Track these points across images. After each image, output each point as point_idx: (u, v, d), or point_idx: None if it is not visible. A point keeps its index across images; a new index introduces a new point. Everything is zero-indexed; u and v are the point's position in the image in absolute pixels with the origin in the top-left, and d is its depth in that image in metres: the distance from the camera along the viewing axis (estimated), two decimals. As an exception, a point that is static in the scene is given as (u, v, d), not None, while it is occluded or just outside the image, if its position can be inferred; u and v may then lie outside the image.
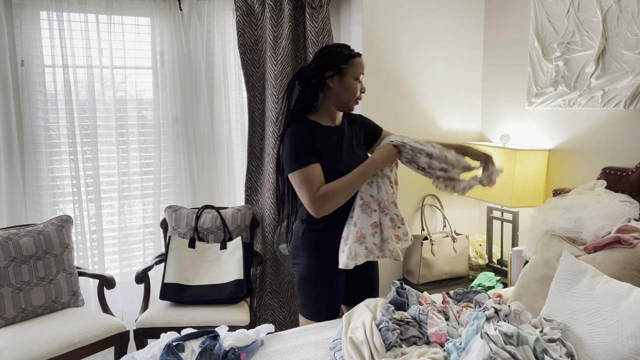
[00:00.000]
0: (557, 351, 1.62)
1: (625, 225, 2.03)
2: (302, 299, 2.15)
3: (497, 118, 3.21)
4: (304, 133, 2.01)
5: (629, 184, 2.33)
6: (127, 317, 2.99)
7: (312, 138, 2.01)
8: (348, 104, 2.08)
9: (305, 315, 2.15)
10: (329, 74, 2.03)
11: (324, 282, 2.11)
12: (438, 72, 3.19)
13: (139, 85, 3.02)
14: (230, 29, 3.10)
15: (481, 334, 1.62)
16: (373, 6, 2.98)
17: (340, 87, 2.05)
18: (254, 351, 1.86)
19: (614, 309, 1.63)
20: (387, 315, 1.85)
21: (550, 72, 2.77)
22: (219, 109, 3.17)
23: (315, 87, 2.06)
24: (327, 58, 2.04)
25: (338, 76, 2.04)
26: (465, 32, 3.23)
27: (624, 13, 2.39)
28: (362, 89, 2.09)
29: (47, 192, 2.86)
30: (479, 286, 2.78)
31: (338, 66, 2.03)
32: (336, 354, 1.78)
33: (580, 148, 2.67)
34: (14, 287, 2.50)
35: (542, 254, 2.17)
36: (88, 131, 2.90)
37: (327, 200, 1.95)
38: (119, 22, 2.89)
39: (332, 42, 2.98)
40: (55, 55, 2.76)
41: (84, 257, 2.93)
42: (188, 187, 3.14)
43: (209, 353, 1.72)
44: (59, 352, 2.31)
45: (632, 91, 2.38)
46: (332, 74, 2.03)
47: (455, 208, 3.31)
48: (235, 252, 2.86)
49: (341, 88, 2.05)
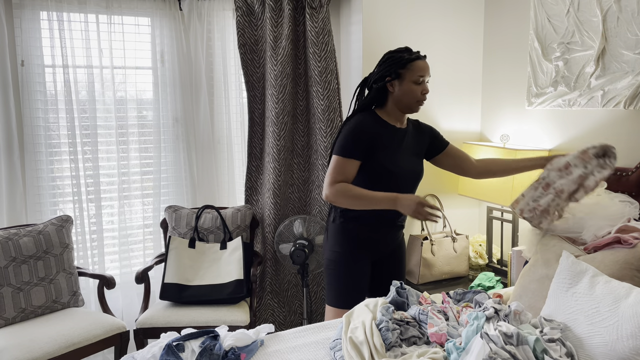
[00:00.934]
0: (557, 351, 1.62)
1: (625, 225, 2.03)
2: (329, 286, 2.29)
3: (497, 118, 3.21)
4: (366, 125, 2.13)
5: (629, 184, 2.33)
6: (127, 317, 2.99)
7: (372, 132, 2.12)
8: (410, 107, 2.17)
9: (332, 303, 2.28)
10: (388, 79, 2.14)
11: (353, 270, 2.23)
12: (438, 72, 3.19)
13: (139, 86, 3.02)
14: (230, 29, 3.11)
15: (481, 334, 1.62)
16: (373, 6, 2.98)
17: (400, 91, 2.14)
18: (254, 351, 1.86)
19: (614, 309, 1.63)
20: (387, 315, 1.85)
21: (550, 72, 2.77)
22: (219, 109, 3.17)
23: (377, 91, 2.17)
24: (387, 63, 2.14)
25: (397, 80, 2.13)
26: (465, 31, 3.23)
27: (624, 13, 2.39)
28: (424, 91, 2.14)
29: (47, 192, 2.86)
30: (479, 286, 2.78)
31: (396, 71, 2.12)
32: (336, 354, 1.78)
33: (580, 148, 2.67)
34: (14, 287, 2.50)
35: (542, 254, 2.17)
36: (88, 131, 2.90)
37: (338, 196, 2.08)
38: (119, 22, 2.89)
39: (332, 43, 2.99)
40: (55, 55, 2.77)
41: (84, 257, 2.93)
42: (188, 187, 3.14)
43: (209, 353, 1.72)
44: (59, 352, 2.31)
45: (632, 91, 2.38)
46: (391, 79, 2.13)
47: (455, 208, 3.32)
48: (235, 252, 2.86)
49: (400, 92, 2.14)
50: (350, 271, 2.25)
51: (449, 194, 3.29)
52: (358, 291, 2.26)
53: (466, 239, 3.14)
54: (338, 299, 2.26)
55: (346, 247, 2.24)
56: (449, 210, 3.27)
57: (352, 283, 2.25)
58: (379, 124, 2.16)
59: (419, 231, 3.23)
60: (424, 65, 2.14)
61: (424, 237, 3.08)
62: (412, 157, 2.24)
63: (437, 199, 3.25)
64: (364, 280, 2.28)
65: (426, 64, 2.15)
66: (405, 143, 2.22)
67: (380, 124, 2.17)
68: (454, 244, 3.10)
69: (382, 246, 2.32)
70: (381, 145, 2.13)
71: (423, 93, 2.14)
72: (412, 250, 3.10)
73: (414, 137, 2.27)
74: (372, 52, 3.00)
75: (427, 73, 2.15)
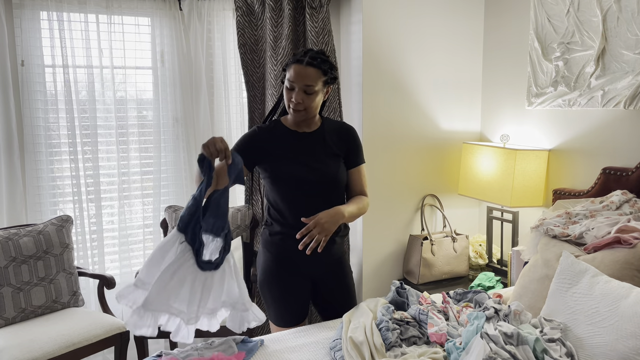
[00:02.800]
0: (557, 351, 1.62)
1: (625, 225, 2.03)
2: (266, 304, 2.18)
3: (497, 118, 3.21)
4: (250, 134, 2.08)
5: (629, 184, 2.33)
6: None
7: (258, 140, 2.04)
8: (288, 111, 2.04)
9: (273, 321, 2.18)
10: (283, 74, 2.05)
11: (282, 286, 2.11)
12: (438, 72, 3.18)
13: (139, 85, 3.02)
14: (230, 29, 3.10)
15: (481, 334, 1.62)
16: (373, 6, 2.98)
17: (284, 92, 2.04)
18: (254, 351, 1.87)
19: (614, 309, 1.64)
20: (387, 315, 1.85)
21: (550, 72, 2.77)
22: (219, 109, 3.17)
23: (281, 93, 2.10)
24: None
25: (283, 82, 2.04)
26: (465, 31, 3.23)
27: (624, 13, 2.39)
28: (295, 99, 1.96)
29: (47, 192, 2.86)
30: (479, 286, 2.78)
31: (283, 72, 2.04)
32: (336, 354, 1.78)
33: (580, 148, 2.67)
34: (14, 287, 2.49)
35: (542, 254, 2.17)
36: (88, 131, 2.90)
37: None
38: (119, 22, 2.89)
39: (332, 43, 2.99)
40: (55, 55, 2.76)
41: (84, 257, 2.93)
42: (188, 187, 3.14)
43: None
44: (59, 352, 2.31)
45: (632, 91, 2.38)
46: (283, 75, 2.04)
47: (455, 208, 3.32)
48: (235, 252, 2.86)
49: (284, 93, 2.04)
50: (282, 290, 2.11)
51: (449, 194, 3.29)
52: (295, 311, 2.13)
53: (466, 239, 3.14)
54: (277, 317, 2.14)
55: (273, 263, 2.10)
56: (449, 210, 3.27)
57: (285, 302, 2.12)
58: (274, 131, 2.06)
59: (419, 231, 3.23)
60: (299, 72, 1.94)
61: (424, 237, 3.08)
62: (324, 159, 2.05)
63: (437, 199, 3.25)
64: (300, 299, 2.14)
65: (304, 70, 1.93)
66: (310, 147, 2.06)
67: (277, 130, 2.06)
68: (454, 244, 3.10)
69: (314, 262, 2.07)
70: (274, 151, 2.02)
71: (291, 100, 1.96)
72: (412, 250, 3.10)
73: (330, 138, 2.09)
74: (372, 52, 3.00)
75: (299, 80, 1.93)
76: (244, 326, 1.75)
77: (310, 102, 1.97)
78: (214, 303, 1.69)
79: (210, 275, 1.67)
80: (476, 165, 2.97)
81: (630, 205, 2.20)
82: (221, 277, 1.70)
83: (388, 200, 3.12)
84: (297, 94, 1.95)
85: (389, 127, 3.10)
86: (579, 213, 2.28)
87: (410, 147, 3.17)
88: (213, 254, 1.71)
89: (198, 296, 1.64)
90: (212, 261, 1.68)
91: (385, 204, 3.11)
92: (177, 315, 1.61)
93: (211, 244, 1.72)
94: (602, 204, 2.26)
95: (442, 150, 3.25)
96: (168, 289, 1.59)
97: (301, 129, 2.08)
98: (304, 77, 1.94)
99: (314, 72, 1.95)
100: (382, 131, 3.07)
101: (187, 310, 1.62)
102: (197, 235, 1.65)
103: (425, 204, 3.23)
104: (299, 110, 1.98)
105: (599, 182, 2.46)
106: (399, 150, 3.14)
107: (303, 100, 1.96)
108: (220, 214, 1.72)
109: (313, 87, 1.95)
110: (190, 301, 1.62)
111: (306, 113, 1.99)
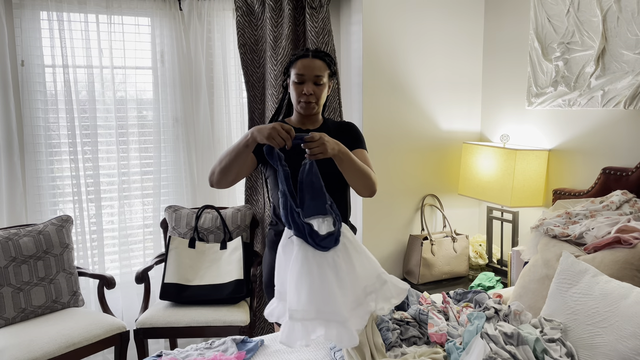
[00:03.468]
0: (557, 351, 1.62)
1: (625, 225, 2.03)
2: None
3: (497, 118, 3.21)
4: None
5: (629, 184, 2.33)
6: (127, 317, 2.99)
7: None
8: (297, 107, 2.07)
9: None
10: (284, 77, 2.10)
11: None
12: (438, 72, 3.19)
13: (139, 85, 3.02)
14: (230, 29, 3.10)
15: (481, 334, 1.62)
16: (373, 6, 2.98)
17: (290, 91, 2.07)
18: (254, 351, 1.87)
19: (614, 309, 1.64)
20: (388, 315, 1.85)
21: (550, 72, 2.77)
22: (219, 109, 3.17)
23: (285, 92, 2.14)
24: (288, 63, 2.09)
25: (289, 79, 2.07)
26: (465, 31, 3.23)
27: (624, 13, 2.39)
28: (304, 91, 1.99)
29: (47, 192, 2.86)
30: (479, 286, 2.78)
31: (287, 69, 2.07)
32: (336, 354, 1.78)
33: (580, 148, 2.67)
34: (14, 287, 2.50)
35: (542, 254, 2.17)
36: (88, 131, 2.90)
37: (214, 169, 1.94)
38: (119, 22, 2.89)
39: (332, 43, 2.99)
40: (55, 55, 2.76)
41: (84, 257, 2.93)
42: (188, 187, 3.14)
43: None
44: (59, 352, 2.31)
45: (632, 91, 2.38)
46: (285, 77, 2.09)
47: (455, 208, 3.32)
48: (235, 252, 2.86)
49: (290, 91, 2.07)
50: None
51: (449, 194, 3.29)
52: None
53: (466, 239, 3.14)
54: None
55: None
56: (449, 210, 3.27)
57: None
58: None
59: (419, 231, 3.23)
60: (307, 64, 1.99)
61: (424, 237, 3.08)
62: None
63: (437, 199, 3.25)
64: None
65: (312, 62, 2.00)
66: None
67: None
68: (454, 243, 3.10)
69: None
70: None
71: (303, 93, 2.00)
72: (412, 250, 3.10)
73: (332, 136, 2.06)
74: (372, 52, 3.00)
75: (309, 72, 1.98)
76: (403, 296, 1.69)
77: (320, 93, 2.03)
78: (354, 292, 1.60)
79: (335, 255, 1.59)
80: (476, 165, 2.97)
81: (630, 205, 2.20)
82: (346, 256, 1.61)
83: (388, 200, 3.12)
84: (307, 86, 1.99)
85: (389, 127, 3.10)
86: (579, 213, 2.28)
87: (411, 147, 3.17)
88: (328, 228, 1.64)
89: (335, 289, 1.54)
90: (331, 234, 1.59)
91: (385, 204, 3.11)
92: (330, 319, 1.52)
93: (322, 225, 1.66)
94: (602, 204, 2.26)
95: (442, 150, 3.25)
96: (301, 289, 1.52)
97: (305, 126, 2.11)
98: (313, 68, 2.00)
99: (320, 63, 2.02)
100: (382, 131, 3.07)
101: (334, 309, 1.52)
102: (299, 224, 1.58)
103: (425, 203, 3.23)
104: (311, 102, 2.02)
105: (599, 182, 2.46)
106: (399, 150, 3.14)
107: (314, 91, 2.01)
108: (315, 191, 1.67)
109: (322, 77, 2.01)
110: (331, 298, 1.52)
111: (317, 105, 2.04)
